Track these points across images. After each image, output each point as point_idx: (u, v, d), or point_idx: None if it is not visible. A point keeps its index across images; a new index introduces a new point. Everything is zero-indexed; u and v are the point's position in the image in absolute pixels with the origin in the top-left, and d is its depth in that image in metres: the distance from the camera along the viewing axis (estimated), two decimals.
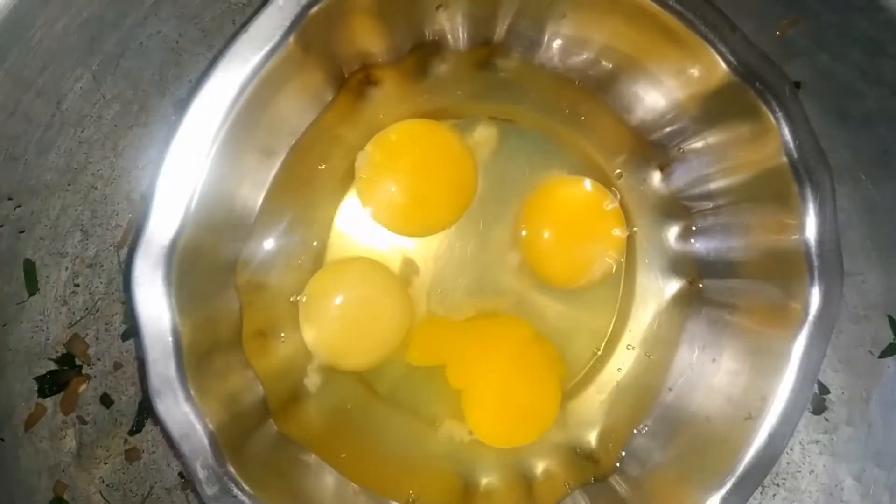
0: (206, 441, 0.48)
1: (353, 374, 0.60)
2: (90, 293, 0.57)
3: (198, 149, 0.47)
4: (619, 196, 0.60)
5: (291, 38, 0.47)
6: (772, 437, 0.51)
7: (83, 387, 0.56)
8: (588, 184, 0.60)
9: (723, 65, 0.50)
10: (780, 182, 0.51)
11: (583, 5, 0.53)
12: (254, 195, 0.54)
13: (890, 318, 0.57)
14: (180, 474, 0.58)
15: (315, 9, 0.48)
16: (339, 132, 0.57)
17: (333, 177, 0.59)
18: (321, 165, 0.58)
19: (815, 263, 0.50)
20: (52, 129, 0.53)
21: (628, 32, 0.53)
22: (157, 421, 0.48)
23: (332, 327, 0.57)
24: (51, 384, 0.55)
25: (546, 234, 0.60)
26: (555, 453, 0.60)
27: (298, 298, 0.58)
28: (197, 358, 0.49)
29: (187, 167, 0.47)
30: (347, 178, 0.59)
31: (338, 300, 0.57)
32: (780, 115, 0.50)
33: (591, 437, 0.60)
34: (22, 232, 0.53)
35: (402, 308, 0.58)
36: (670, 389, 0.58)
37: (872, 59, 0.52)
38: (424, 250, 0.60)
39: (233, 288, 0.53)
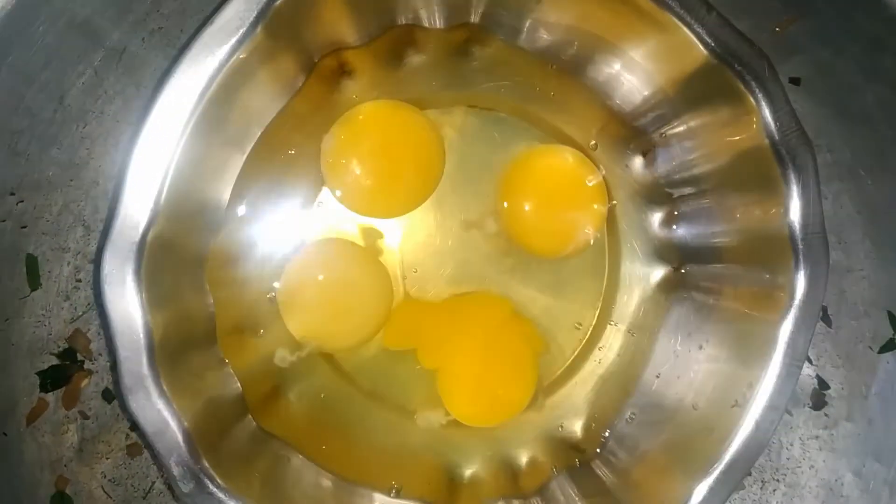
0: (180, 438, 0.48)
1: (331, 363, 0.59)
2: (92, 288, 0.57)
3: (166, 142, 0.47)
4: (603, 171, 0.60)
5: (259, 28, 0.47)
6: (759, 425, 0.50)
7: (85, 382, 0.56)
8: (570, 154, 0.60)
9: (700, 46, 0.50)
10: (763, 164, 0.50)
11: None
12: (223, 186, 0.53)
13: (889, 313, 0.57)
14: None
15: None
16: (310, 120, 0.57)
17: (303, 164, 0.58)
18: (291, 151, 0.58)
19: (800, 247, 0.50)
20: (55, 125, 0.53)
21: (604, 15, 0.52)
22: (130, 419, 0.48)
23: (313, 307, 0.57)
24: (53, 379, 0.55)
25: (528, 203, 0.59)
26: (540, 441, 0.60)
27: (276, 285, 0.57)
28: (170, 354, 0.48)
29: (155, 160, 0.47)
30: (318, 164, 0.59)
31: (317, 279, 0.57)
32: (759, 95, 0.49)
33: (577, 425, 0.60)
34: (24, 227, 0.53)
35: (383, 283, 0.58)
36: (657, 377, 0.58)
37: (872, 55, 0.52)
38: (399, 232, 0.60)
39: (206, 282, 0.53)
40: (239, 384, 0.54)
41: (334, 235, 0.59)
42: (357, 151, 0.57)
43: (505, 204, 0.60)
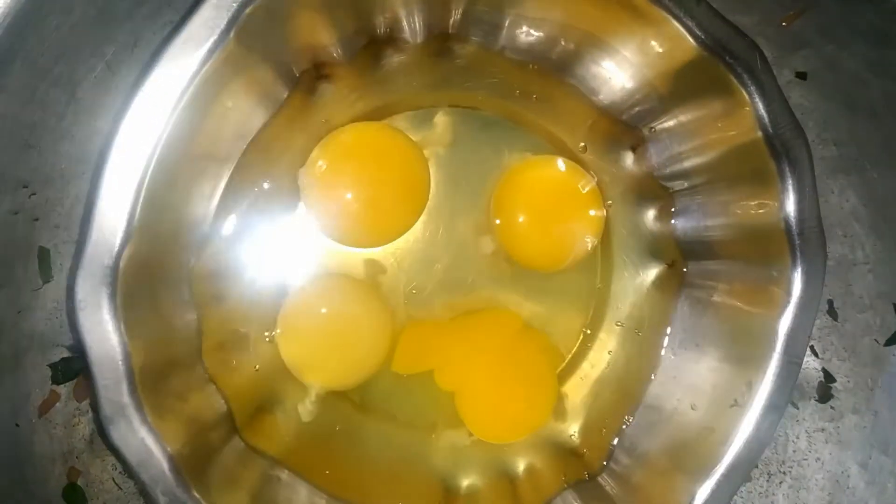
0: (165, 466, 0.46)
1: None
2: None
3: (137, 157, 0.45)
4: (595, 177, 0.59)
5: (231, 36, 0.45)
6: (759, 424, 0.50)
7: None
8: (561, 163, 0.59)
9: (690, 39, 0.49)
10: (757, 158, 0.50)
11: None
12: (205, 202, 0.52)
13: (895, 306, 0.57)
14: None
15: (253, 6, 0.45)
16: (292, 132, 0.56)
17: (287, 183, 0.57)
18: (275, 170, 0.56)
19: (797, 241, 0.49)
20: (67, 118, 0.53)
21: (589, 9, 0.51)
22: (112, 449, 0.46)
23: (313, 353, 0.56)
24: (64, 371, 0.55)
25: (521, 218, 0.58)
26: (537, 449, 0.59)
27: (273, 334, 0.56)
28: (152, 379, 0.47)
29: (128, 177, 0.45)
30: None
31: (316, 323, 0.56)
32: (752, 88, 0.49)
33: (575, 430, 0.59)
34: (37, 220, 0.53)
35: (381, 318, 0.57)
36: (654, 377, 0.57)
37: (879, 49, 0.53)
38: (392, 253, 0.59)
39: (188, 301, 0.51)
40: (225, 403, 0.53)
41: (327, 253, 0.58)
42: (337, 185, 0.55)
43: (497, 221, 0.59)
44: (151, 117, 0.45)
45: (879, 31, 0.52)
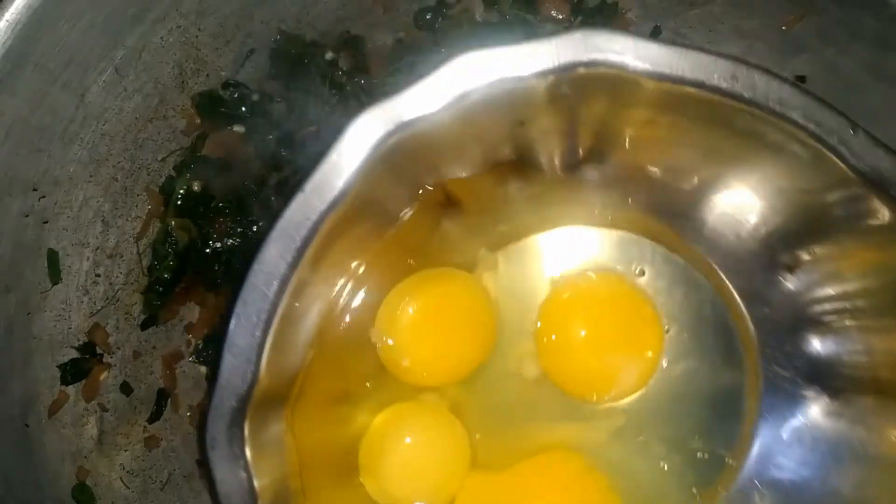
0: None
1: None
2: (110, 283, 0.58)
3: (258, 315, 0.43)
4: (650, 292, 0.54)
5: (350, 193, 0.42)
6: None
7: (104, 375, 0.57)
8: (611, 278, 0.54)
9: (844, 169, 0.43)
10: None
11: (674, 111, 0.45)
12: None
13: None
14: (198, 462, 0.59)
15: (378, 154, 0.42)
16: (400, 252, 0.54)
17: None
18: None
19: None
20: (76, 122, 0.54)
21: (733, 137, 0.46)
22: None
23: (394, 477, 0.54)
24: (73, 372, 0.56)
25: (567, 341, 0.54)
26: None
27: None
28: None
29: (251, 328, 0.43)
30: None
31: (397, 448, 0.54)
32: None
33: None
34: (46, 222, 0.54)
35: (462, 447, 0.55)
36: None
37: (878, 54, 0.53)
38: (459, 395, 0.55)
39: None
40: None
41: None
42: (409, 339, 0.53)
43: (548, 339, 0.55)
44: (279, 262, 0.43)
45: (879, 35, 0.52)
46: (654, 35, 0.59)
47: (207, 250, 0.58)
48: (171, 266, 0.58)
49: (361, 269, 0.51)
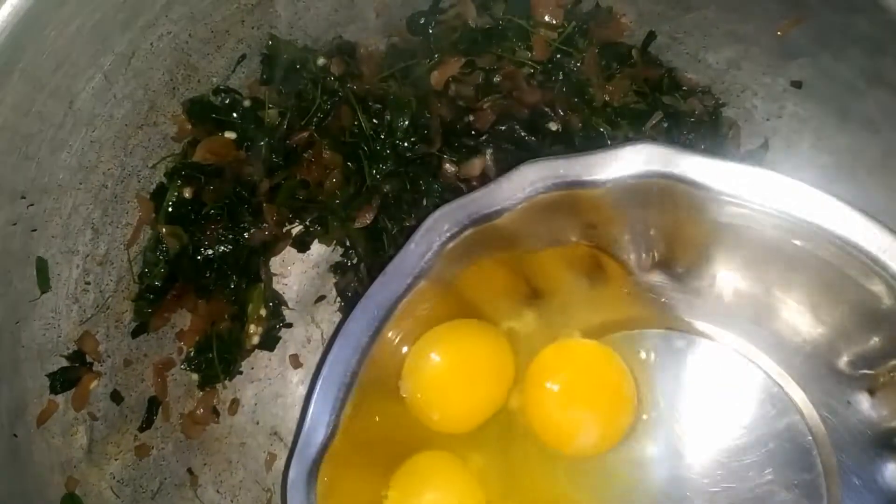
0: None
1: None
2: (101, 291, 0.57)
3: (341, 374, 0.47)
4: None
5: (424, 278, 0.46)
6: None
7: (94, 383, 0.57)
8: (590, 345, 0.54)
9: None
10: None
11: (743, 248, 0.48)
12: None
13: None
14: (189, 470, 0.59)
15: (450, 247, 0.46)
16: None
17: None
18: None
19: None
20: (65, 129, 0.54)
21: (805, 270, 0.47)
22: None
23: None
24: (62, 381, 0.55)
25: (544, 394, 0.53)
26: None
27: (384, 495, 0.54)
28: None
29: (330, 390, 0.47)
30: None
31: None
32: None
33: None
34: (34, 230, 0.54)
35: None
36: None
37: (874, 59, 0.53)
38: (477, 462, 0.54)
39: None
40: None
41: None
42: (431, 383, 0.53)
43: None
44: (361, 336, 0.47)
45: (874, 40, 0.52)
46: (649, 40, 0.58)
47: (199, 257, 0.58)
48: (162, 273, 0.57)
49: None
